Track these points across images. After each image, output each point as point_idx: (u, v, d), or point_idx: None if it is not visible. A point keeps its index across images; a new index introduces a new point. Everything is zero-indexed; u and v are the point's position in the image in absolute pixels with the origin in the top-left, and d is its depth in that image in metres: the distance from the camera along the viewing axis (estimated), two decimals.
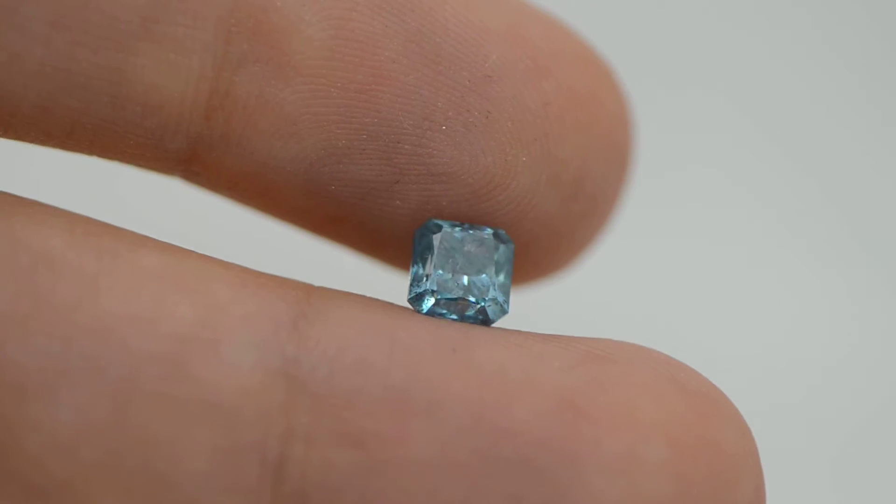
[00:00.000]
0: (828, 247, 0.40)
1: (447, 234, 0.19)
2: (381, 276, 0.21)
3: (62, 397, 0.17)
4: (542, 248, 0.20)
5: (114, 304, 0.17)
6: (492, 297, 0.19)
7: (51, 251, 0.17)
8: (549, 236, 0.20)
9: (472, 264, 0.19)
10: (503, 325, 0.19)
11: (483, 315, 0.19)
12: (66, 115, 0.18)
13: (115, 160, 0.19)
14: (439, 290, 0.19)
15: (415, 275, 0.20)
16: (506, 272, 0.20)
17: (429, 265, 0.19)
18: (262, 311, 0.18)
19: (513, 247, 0.20)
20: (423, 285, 0.19)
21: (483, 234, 0.19)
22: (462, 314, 0.19)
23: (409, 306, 0.19)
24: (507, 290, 0.20)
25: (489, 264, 0.19)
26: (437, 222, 0.19)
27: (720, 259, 0.40)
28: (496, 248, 0.19)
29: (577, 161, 0.20)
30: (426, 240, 0.19)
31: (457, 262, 0.19)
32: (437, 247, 0.19)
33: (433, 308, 0.19)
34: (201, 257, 0.18)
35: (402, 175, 0.19)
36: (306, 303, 0.18)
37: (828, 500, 0.36)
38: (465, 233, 0.19)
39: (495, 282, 0.19)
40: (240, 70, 0.19)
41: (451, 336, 0.18)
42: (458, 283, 0.19)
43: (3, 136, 0.19)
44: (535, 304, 0.25)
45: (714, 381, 0.19)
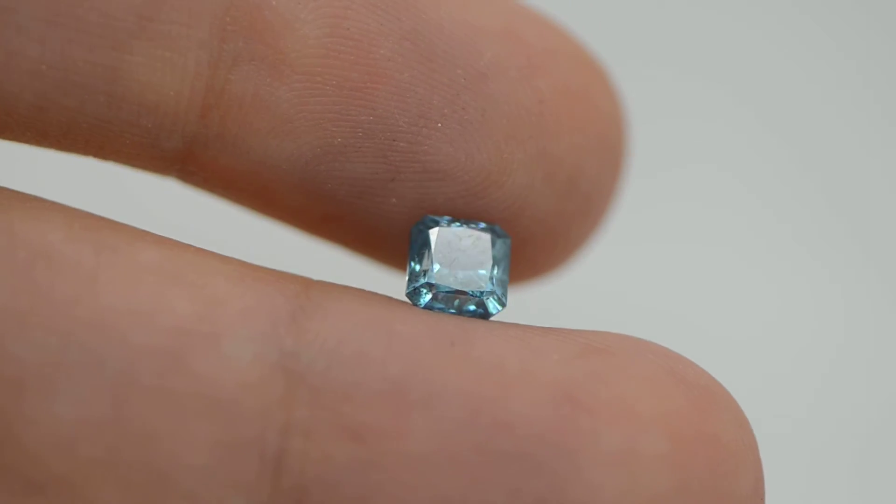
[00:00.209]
0: (824, 240, 0.41)
1: (444, 229, 0.19)
2: (379, 271, 0.21)
3: (61, 392, 0.17)
4: (537, 246, 0.20)
5: (112, 299, 0.17)
6: (490, 291, 0.19)
7: (49, 246, 0.17)
8: (544, 234, 0.20)
9: (470, 258, 0.19)
10: (501, 319, 0.20)
11: (481, 308, 0.19)
12: (61, 114, 0.18)
13: (112, 160, 0.19)
14: (437, 285, 0.19)
15: (412, 270, 0.20)
16: (503, 266, 0.20)
17: (426, 260, 0.19)
18: (261, 305, 0.18)
19: (510, 241, 0.20)
20: (421, 279, 0.19)
21: (480, 228, 0.19)
22: (460, 308, 0.19)
23: (407, 301, 0.19)
24: (505, 284, 0.20)
25: (487, 258, 0.19)
26: (434, 218, 0.19)
27: (717, 253, 0.40)
28: (494, 242, 0.19)
29: (571, 159, 0.20)
30: (423, 235, 0.19)
31: (454, 257, 0.19)
32: (435, 241, 0.19)
33: (431, 302, 0.19)
34: (199, 251, 0.18)
35: (397, 173, 0.19)
36: (304, 296, 0.18)
37: (826, 493, 0.36)
38: (463, 227, 0.19)
39: (493, 276, 0.19)
40: (235, 68, 0.19)
41: (450, 329, 0.18)
42: (456, 277, 0.19)
43: (0, 137, 0.19)
44: (533, 298, 0.25)
45: (712, 373, 0.19)
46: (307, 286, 0.18)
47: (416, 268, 0.19)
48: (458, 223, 0.19)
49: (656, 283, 0.39)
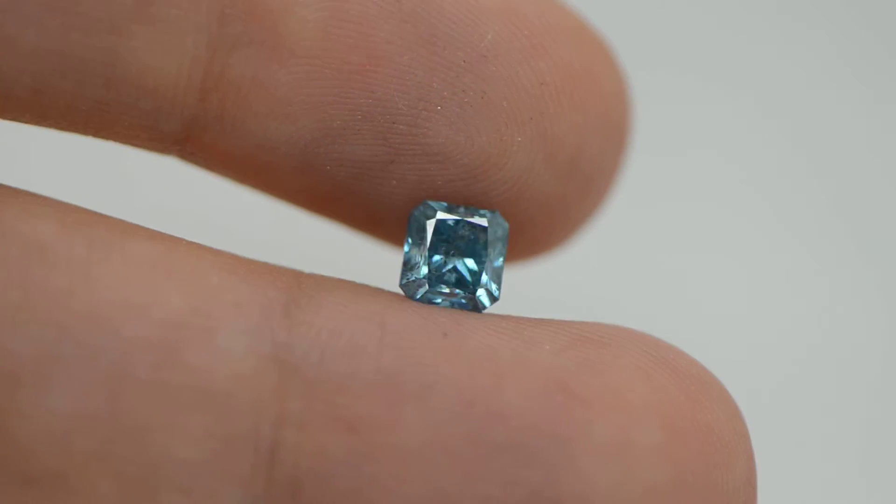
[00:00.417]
0: (822, 235, 0.40)
1: (441, 221, 0.19)
2: (371, 264, 0.21)
3: (55, 385, 0.17)
4: (537, 227, 0.20)
5: (106, 292, 0.17)
6: (484, 284, 0.19)
7: (42, 240, 0.17)
8: (544, 215, 0.20)
9: (466, 251, 0.19)
10: (494, 311, 0.20)
11: (474, 302, 0.19)
12: (60, 97, 0.18)
13: (111, 140, 0.19)
14: (432, 277, 0.19)
15: (408, 259, 0.20)
16: (500, 257, 0.20)
17: (422, 251, 0.19)
18: (254, 298, 0.18)
19: (508, 229, 0.20)
20: (416, 272, 0.19)
21: (478, 218, 0.19)
22: (453, 301, 0.19)
23: (399, 291, 0.20)
24: (500, 274, 0.20)
25: (482, 250, 0.19)
26: (433, 205, 0.19)
27: (712, 241, 0.40)
28: (490, 233, 0.19)
29: (573, 139, 0.20)
30: (420, 224, 0.19)
31: (450, 249, 0.19)
32: (431, 233, 0.19)
33: (425, 294, 0.19)
34: (191, 245, 0.18)
35: (397, 155, 0.19)
36: (297, 289, 0.18)
37: (818, 482, 0.36)
38: (460, 218, 0.19)
39: (488, 268, 0.19)
40: (234, 52, 0.19)
41: (442, 321, 0.18)
42: (451, 269, 0.19)
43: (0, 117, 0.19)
44: (526, 287, 0.25)
45: (704, 363, 0.19)
46: (299, 279, 0.18)
47: (412, 258, 0.19)
48: (456, 211, 0.19)
49: (647, 270, 0.39)
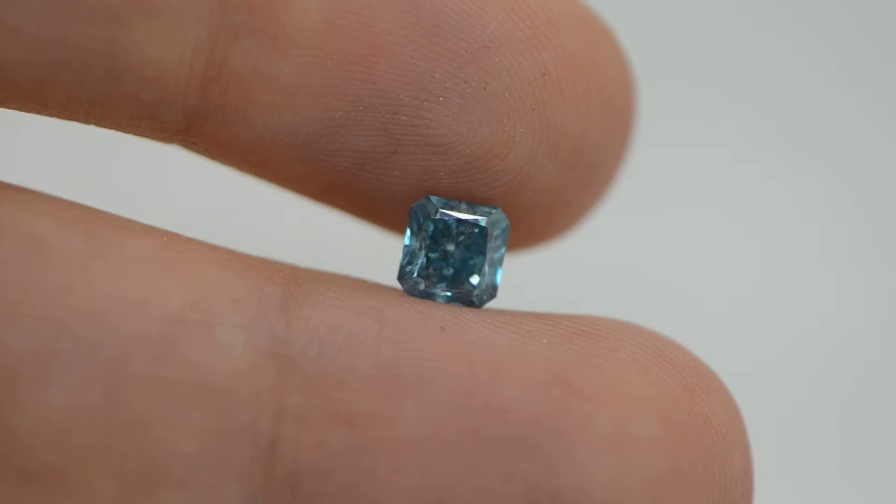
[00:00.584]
0: (817, 227, 0.40)
1: (440, 220, 0.19)
2: (368, 260, 0.21)
3: (54, 381, 0.17)
4: (539, 216, 0.20)
5: (104, 288, 0.17)
6: (482, 281, 0.19)
7: (40, 236, 0.17)
8: (546, 205, 0.20)
9: (464, 250, 0.19)
10: (492, 306, 0.20)
11: (471, 298, 0.19)
12: (61, 87, 0.18)
13: (113, 129, 0.19)
14: (431, 273, 0.19)
15: (407, 255, 0.20)
16: (499, 253, 0.20)
17: (422, 248, 0.19)
18: (251, 293, 0.18)
19: (508, 227, 0.20)
20: (415, 269, 0.19)
21: (478, 217, 0.19)
22: (451, 296, 0.19)
23: (397, 287, 0.20)
24: (499, 272, 0.20)
25: (481, 250, 0.19)
26: (434, 201, 0.19)
27: (709, 235, 0.40)
28: (490, 233, 0.19)
29: (576, 129, 0.20)
30: (421, 220, 0.19)
31: (448, 248, 0.19)
32: (431, 232, 0.19)
33: (424, 290, 0.19)
34: (188, 240, 0.18)
35: (399, 146, 0.19)
36: (294, 284, 0.18)
37: (813, 475, 0.36)
38: (460, 216, 0.19)
39: (487, 265, 0.19)
40: (235, 43, 0.18)
41: (440, 316, 0.18)
42: (450, 265, 0.19)
43: (1, 106, 0.19)
44: (523, 281, 0.25)
45: (701, 356, 0.19)
46: (296, 274, 0.19)
47: (411, 253, 0.19)
48: (456, 210, 0.19)
49: (644, 261, 0.39)
